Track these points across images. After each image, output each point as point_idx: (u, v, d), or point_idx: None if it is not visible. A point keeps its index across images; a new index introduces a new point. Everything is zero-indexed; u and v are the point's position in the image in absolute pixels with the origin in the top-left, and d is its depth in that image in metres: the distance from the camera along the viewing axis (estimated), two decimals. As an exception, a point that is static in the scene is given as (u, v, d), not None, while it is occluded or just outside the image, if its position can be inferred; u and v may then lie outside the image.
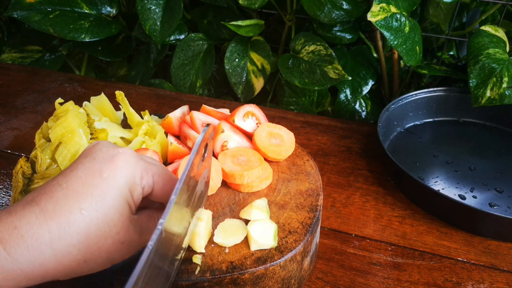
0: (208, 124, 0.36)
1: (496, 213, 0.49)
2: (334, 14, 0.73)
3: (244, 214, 0.42)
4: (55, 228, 0.27)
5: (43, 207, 0.27)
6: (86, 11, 0.85)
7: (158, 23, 0.82)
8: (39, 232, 0.27)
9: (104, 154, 0.31)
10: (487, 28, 0.69)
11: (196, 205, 0.37)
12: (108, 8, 0.87)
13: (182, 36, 0.87)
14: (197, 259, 0.37)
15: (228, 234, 0.40)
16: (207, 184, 0.41)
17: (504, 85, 0.63)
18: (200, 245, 0.38)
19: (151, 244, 0.26)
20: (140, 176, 0.31)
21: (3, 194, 0.57)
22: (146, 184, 0.32)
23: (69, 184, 0.29)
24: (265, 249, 0.39)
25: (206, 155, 0.37)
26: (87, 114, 0.48)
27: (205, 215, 0.39)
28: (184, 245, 0.35)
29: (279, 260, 0.38)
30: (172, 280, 0.33)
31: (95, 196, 0.28)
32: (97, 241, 0.28)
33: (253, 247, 0.39)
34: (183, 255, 0.36)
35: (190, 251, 0.38)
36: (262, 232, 0.39)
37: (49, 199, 0.28)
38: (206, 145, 0.36)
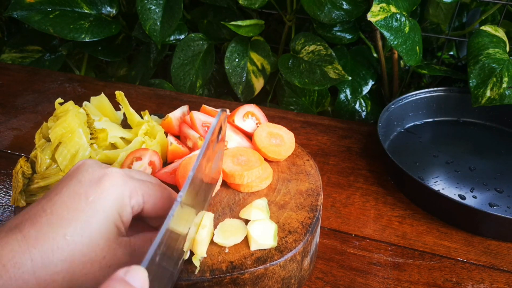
0: (223, 110, 0.36)
1: (496, 213, 0.49)
2: (334, 14, 0.73)
3: (244, 214, 0.42)
4: (38, 256, 0.26)
5: (26, 233, 0.26)
6: (86, 11, 0.85)
7: (158, 23, 0.82)
8: (21, 260, 0.26)
9: (90, 176, 0.30)
10: (487, 28, 0.69)
11: (203, 199, 0.37)
12: (108, 8, 0.87)
13: (182, 36, 0.87)
14: (196, 260, 0.37)
15: (228, 234, 0.40)
16: (215, 178, 0.40)
17: (504, 85, 0.63)
18: (202, 252, 0.38)
19: (171, 213, 0.25)
20: (129, 196, 0.30)
21: (3, 194, 0.57)
22: (135, 203, 0.31)
23: (53, 209, 0.28)
24: (265, 249, 0.39)
25: (220, 136, 0.37)
26: (87, 114, 0.48)
27: (207, 221, 0.39)
28: (185, 248, 0.35)
29: (279, 260, 0.38)
30: (174, 282, 0.33)
31: (80, 221, 0.27)
32: (82, 267, 0.27)
33: (253, 247, 0.39)
34: (184, 258, 0.36)
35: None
36: (262, 232, 0.39)
37: (32, 225, 0.27)
38: (221, 128, 0.36)
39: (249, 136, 0.53)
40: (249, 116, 0.53)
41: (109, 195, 0.29)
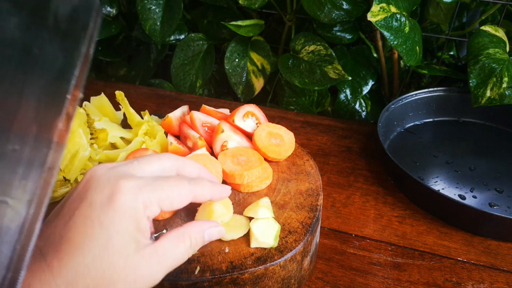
0: None
1: (496, 213, 0.49)
2: (334, 14, 0.73)
3: (249, 212, 0.42)
4: (63, 286, 0.27)
5: (50, 263, 0.27)
6: (86, 11, 0.85)
7: (158, 23, 0.82)
8: None
9: (100, 196, 0.29)
10: (487, 28, 0.69)
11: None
12: (108, 8, 0.87)
13: (182, 36, 0.87)
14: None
15: (229, 229, 0.40)
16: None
17: (504, 85, 0.63)
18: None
19: None
20: (143, 208, 0.30)
21: (3, 194, 0.57)
22: (150, 213, 0.31)
23: (70, 237, 0.28)
24: (265, 249, 0.39)
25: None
26: (87, 114, 0.48)
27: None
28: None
29: (279, 260, 0.38)
30: None
31: (98, 247, 0.28)
32: None
33: (253, 244, 0.39)
34: None
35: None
36: (265, 231, 0.39)
37: (55, 254, 0.28)
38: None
39: (249, 136, 0.53)
40: (249, 116, 0.53)
41: (122, 215, 0.29)
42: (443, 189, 0.59)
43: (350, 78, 0.76)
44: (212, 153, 0.50)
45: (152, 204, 0.30)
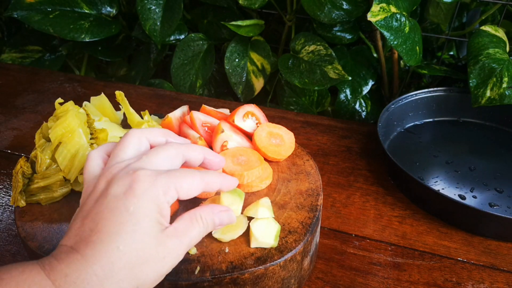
0: None
1: (496, 213, 0.49)
2: (334, 14, 0.73)
3: (249, 212, 0.42)
4: (100, 271, 0.29)
5: (83, 253, 0.29)
6: (86, 11, 0.85)
7: (158, 23, 0.82)
8: (87, 277, 0.28)
9: (121, 188, 0.32)
10: (487, 28, 0.69)
11: None
12: (108, 8, 0.87)
13: (182, 36, 0.87)
14: (192, 250, 0.38)
15: (227, 229, 0.40)
16: None
17: (504, 85, 0.63)
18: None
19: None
20: (163, 194, 0.32)
21: (3, 194, 0.57)
22: (170, 198, 0.33)
23: (100, 227, 0.30)
24: (265, 249, 0.39)
25: None
26: (87, 114, 0.48)
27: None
28: None
29: (279, 260, 0.38)
30: None
31: (128, 232, 0.30)
32: (141, 269, 0.30)
33: (253, 245, 0.39)
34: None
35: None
36: (264, 231, 0.39)
37: (86, 245, 0.30)
38: None
39: (249, 136, 0.53)
40: (249, 116, 0.53)
41: (145, 200, 0.31)
42: (443, 189, 0.59)
43: (350, 78, 0.76)
44: (212, 153, 0.50)
45: (170, 189, 0.32)
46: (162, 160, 0.35)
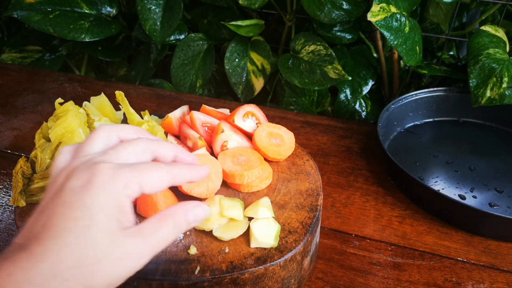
0: None
1: (496, 213, 0.49)
2: (334, 14, 0.73)
3: (249, 212, 0.42)
4: (47, 269, 0.27)
5: (33, 251, 0.27)
6: (86, 11, 0.85)
7: (158, 23, 0.82)
8: (32, 275, 0.27)
9: (79, 181, 0.30)
10: (487, 28, 0.69)
11: None
12: (108, 8, 0.87)
13: (182, 36, 0.87)
14: (192, 250, 0.38)
15: (227, 229, 0.40)
16: None
17: (504, 85, 0.63)
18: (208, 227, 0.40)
19: None
20: (124, 187, 0.30)
21: (3, 194, 0.57)
22: (132, 192, 0.30)
23: (52, 223, 0.28)
24: (265, 249, 0.39)
25: None
26: (87, 114, 0.48)
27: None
28: None
29: (279, 260, 0.38)
30: None
31: (80, 228, 0.28)
32: (92, 269, 0.28)
33: (253, 245, 0.39)
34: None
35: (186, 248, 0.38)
36: (264, 231, 0.39)
37: (36, 242, 0.28)
38: None
39: (249, 136, 0.53)
40: (249, 116, 0.53)
41: (103, 194, 0.29)
42: (443, 189, 0.59)
43: (350, 78, 0.76)
44: (212, 153, 0.50)
45: (131, 182, 0.30)
46: (128, 154, 0.32)
